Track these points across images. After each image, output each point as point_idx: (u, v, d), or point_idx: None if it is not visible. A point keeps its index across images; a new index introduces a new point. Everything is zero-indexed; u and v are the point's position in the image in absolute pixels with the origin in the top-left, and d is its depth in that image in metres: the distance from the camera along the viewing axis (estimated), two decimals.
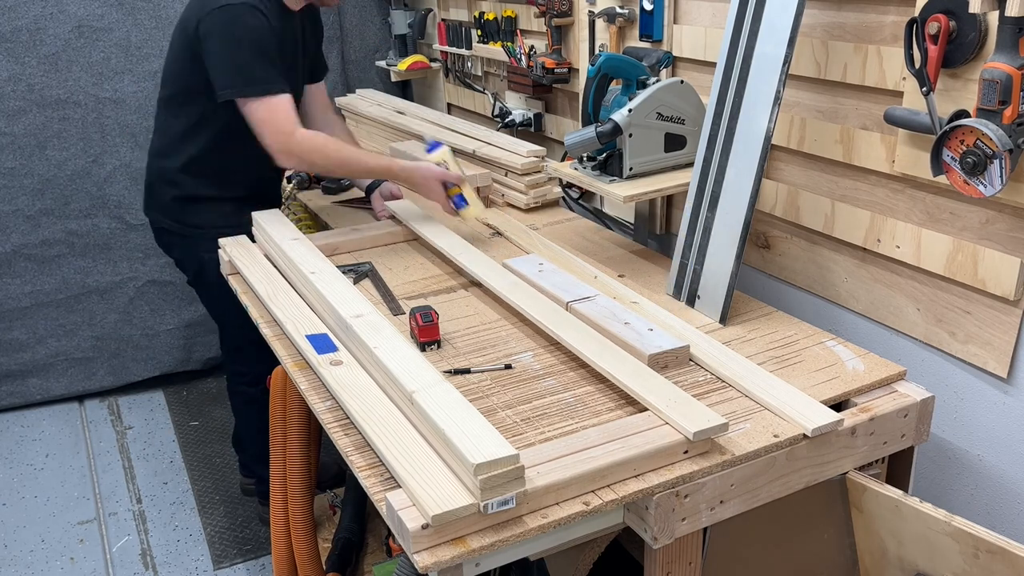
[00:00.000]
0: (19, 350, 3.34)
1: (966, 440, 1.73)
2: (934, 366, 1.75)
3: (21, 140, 3.14)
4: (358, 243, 2.24)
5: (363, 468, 1.35)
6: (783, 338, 1.72)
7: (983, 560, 1.32)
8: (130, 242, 3.38)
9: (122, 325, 3.44)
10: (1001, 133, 1.39)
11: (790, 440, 1.40)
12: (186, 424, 3.31)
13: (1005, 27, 1.37)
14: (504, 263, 1.99)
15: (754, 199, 1.73)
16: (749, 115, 1.73)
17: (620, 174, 1.99)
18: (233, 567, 2.57)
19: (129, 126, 3.26)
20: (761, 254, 2.12)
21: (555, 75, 2.63)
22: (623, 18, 2.31)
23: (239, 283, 2.05)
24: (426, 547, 1.17)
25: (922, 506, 1.39)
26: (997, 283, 1.56)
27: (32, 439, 3.24)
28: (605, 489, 1.28)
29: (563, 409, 1.49)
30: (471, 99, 3.33)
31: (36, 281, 3.30)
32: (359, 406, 1.43)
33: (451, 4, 3.29)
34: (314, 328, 1.72)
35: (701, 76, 2.13)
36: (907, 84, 1.61)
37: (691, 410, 1.37)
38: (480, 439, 1.22)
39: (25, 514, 2.83)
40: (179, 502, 2.86)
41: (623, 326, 1.66)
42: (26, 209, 3.22)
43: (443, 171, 2.21)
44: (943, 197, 1.65)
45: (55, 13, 3.07)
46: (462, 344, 1.73)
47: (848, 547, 1.57)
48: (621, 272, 2.06)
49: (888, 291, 1.81)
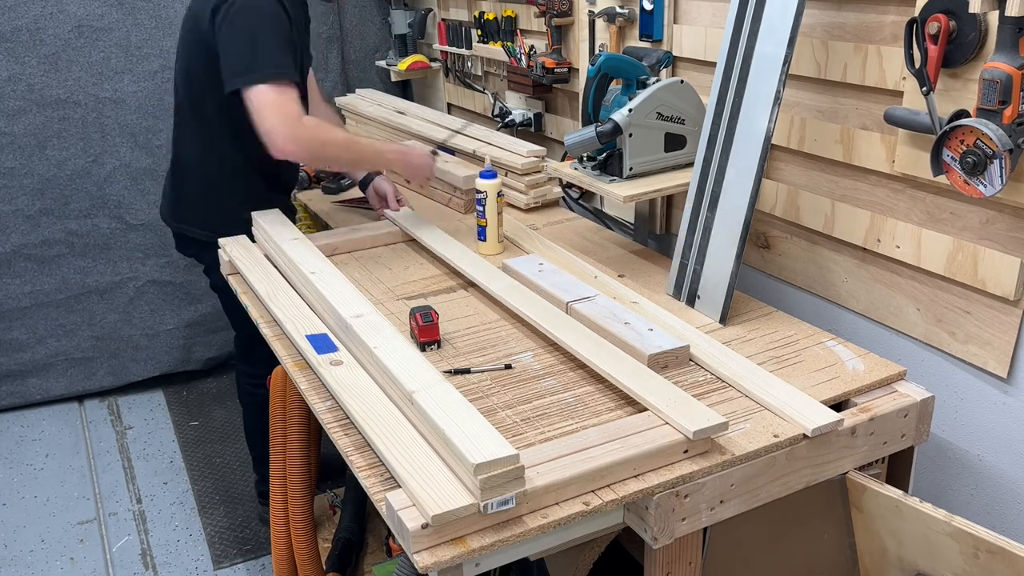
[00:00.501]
0: (19, 350, 3.34)
1: (966, 440, 1.73)
2: (934, 366, 1.75)
3: (21, 140, 3.14)
4: (358, 243, 2.24)
5: (363, 468, 1.35)
6: (783, 338, 1.72)
7: (983, 560, 1.32)
8: (130, 242, 3.38)
9: (122, 325, 3.44)
10: (1001, 133, 1.39)
11: (790, 440, 1.40)
12: (186, 424, 3.31)
13: (1005, 27, 1.37)
14: (504, 263, 1.99)
15: (754, 199, 1.73)
16: (749, 115, 1.73)
17: (620, 174, 1.99)
18: (233, 567, 2.57)
19: (129, 126, 3.26)
20: (761, 254, 2.12)
21: (555, 75, 2.63)
22: (623, 18, 2.31)
23: (239, 283, 2.05)
24: (426, 547, 1.17)
25: (922, 506, 1.39)
26: (997, 283, 1.56)
27: (32, 439, 3.24)
28: (605, 489, 1.28)
29: (563, 409, 1.49)
30: (471, 99, 3.33)
31: (36, 281, 3.30)
32: (359, 406, 1.43)
33: (451, 4, 3.29)
34: (314, 328, 1.72)
35: (701, 76, 2.13)
36: (907, 84, 1.61)
37: (691, 410, 1.37)
38: (480, 439, 1.22)
39: (25, 514, 2.83)
40: (179, 502, 2.86)
41: (623, 326, 1.66)
42: (26, 209, 3.22)
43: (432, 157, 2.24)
44: (943, 197, 1.65)
45: (55, 13, 3.07)
46: (462, 344, 1.73)
47: (848, 547, 1.57)
48: (621, 272, 2.06)
49: (888, 291, 1.81)
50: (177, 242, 2.40)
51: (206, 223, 2.25)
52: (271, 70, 1.96)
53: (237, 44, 1.98)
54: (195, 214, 2.28)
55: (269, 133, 1.96)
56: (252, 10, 1.98)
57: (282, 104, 1.96)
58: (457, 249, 2.11)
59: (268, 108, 1.95)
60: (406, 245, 2.27)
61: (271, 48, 1.97)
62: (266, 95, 1.95)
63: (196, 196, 2.27)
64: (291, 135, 1.96)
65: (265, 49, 1.96)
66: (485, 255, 2.14)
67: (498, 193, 2.11)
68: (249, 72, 1.96)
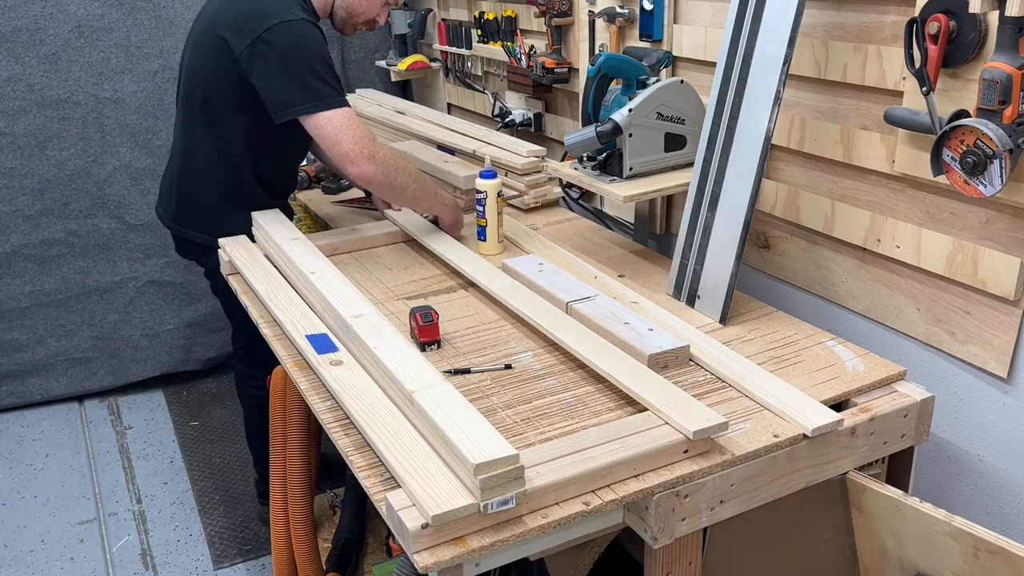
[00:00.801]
0: (19, 350, 3.34)
1: (966, 440, 1.73)
2: (934, 366, 1.75)
3: (21, 140, 3.14)
4: (358, 243, 2.24)
5: (363, 468, 1.35)
6: (783, 338, 1.72)
7: (983, 560, 1.32)
8: (130, 242, 3.38)
9: (122, 325, 3.44)
10: (1001, 133, 1.39)
11: (790, 440, 1.40)
12: (186, 424, 3.31)
13: (1005, 27, 1.37)
14: (504, 263, 1.99)
15: (754, 199, 1.73)
16: (749, 115, 1.73)
17: (620, 174, 1.99)
18: (233, 567, 2.57)
19: (129, 126, 3.26)
20: (761, 254, 2.12)
21: (555, 75, 2.63)
22: (623, 18, 2.31)
23: (239, 283, 2.05)
24: (426, 547, 1.17)
25: (922, 506, 1.39)
26: (997, 283, 1.56)
27: (32, 439, 3.24)
28: (605, 489, 1.28)
29: (563, 409, 1.49)
30: (471, 99, 3.33)
31: (36, 281, 3.30)
32: (359, 406, 1.43)
33: (451, 4, 3.29)
34: (314, 328, 1.72)
35: (701, 76, 2.13)
36: (907, 84, 1.61)
37: (691, 410, 1.37)
38: (480, 439, 1.22)
39: (25, 514, 2.83)
40: (179, 502, 2.86)
41: (623, 326, 1.66)
42: (26, 209, 3.22)
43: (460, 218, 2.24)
44: (943, 197, 1.65)
45: (55, 13, 3.07)
46: (462, 344, 1.73)
47: (848, 547, 1.57)
48: (621, 272, 2.06)
49: (888, 291, 1.81)
50: (177, 245, 2.38)
51: (209, 227, 2.24)
52: (336, 97, 1.99)
53: (288, 75, 1.97)
54: (199, 219, 2.27)
55: (348, 155, 1.98)
56: (295, 38, 1.98)
57: (354, 127, 1.99)
58: (457, 249, 2.11)
59: (343, 132, 1.97)
60: (406, 245, 2.27)
61: (323, 73, 1.98)
62: (337, 120, 1.97)
63: (202, 201, 2.25)
64: (371, 155, 1.99)
65: (320, 76, 1.97)
66: (485, 255, 2.14)
67: (498, 193, 2.11)
68: (312, 101, 1.97)
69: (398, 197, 2.16)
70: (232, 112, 2.13)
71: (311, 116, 1.98)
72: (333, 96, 1.99)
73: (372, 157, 2.00)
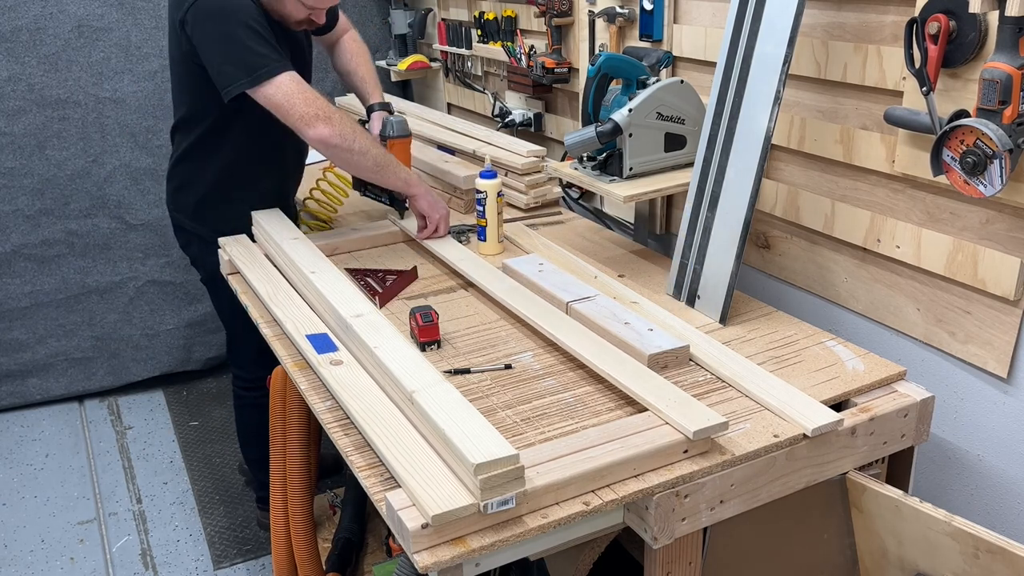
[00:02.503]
0: (19, 350, 3.34)
1: (966, 440, 1.73)
2: (934, 366, 1.75)
3: (21, 140, 3.14)
4: (358, 243, 2.24)
5: (363, 468, 1.35)
6: (783, 338, 1.72)
7: (983, 560, 1.32)
8: (130, 242, 3.38)
9: (122, 325, 3.44)
10: (1001, 133, 1.39)
11: (790, 440, 1.40)
12: (186, 424, 3.31)
13: (1005, 27, 1.37)
14: (504, 263, 1.99)
15: (754, 199, 1.73)
16: (749, 115, 1.73)
17: (620, 174, 1.99)
18: (233, 567, 2.57)
19: (129, 126, 3.26)
20: (761, 254, 2.12)
21: (555, 75, 2.63)
22: (623, 18, 2.31)
23: (239, 283, 2.05)
24: (426, 547, 1.17)
25: (922, 506, 1.39)
26: (997, 283, 1.56)
27: (32, 439, 3.24)
28: (605, 489, 1.28)
29: (563, 409, 1.49)
30: (471, 99, 3.33)
31: (36, 281, 3.30)
32: (359, 406, 1.43)
33: (451, 4, 3.29)
34: (314, 328, 1.72)
35: (701, 76, 2.13)
36: (907, 84, 1.61)
37: (691, 410, 1.37)
38: (480, 439, 1.22)
39: (25, 514, 2.83)
40: (179, 502, 2.86)
41: (623, 326, 1.66)
42: (26, 209, 3.22)
43: (447, 214, 2.19)
44: (943, 197, 1.65)
45: (55, 13, 3.07)
46: (462, 344, 1.73)
47: (848, 547, 1.57)
48: (621, 272, 2.06)
49: (888, 291, 1.81)
50: (174, 230, 2.38)
51: (200, 218, 2.24)
52: (274, 62, 1.89)
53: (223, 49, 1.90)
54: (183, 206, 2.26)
55: (304, 118, 1.89)
56: (217, 13, 1.89)
57: (304, 90, 1.91)
58: (457, 249, 2.11)
59: (294, 96, 1.89)
60: (406, 245, 2.27)
61: (251, 42, 1.88)
62: (285, 85, 1.89)
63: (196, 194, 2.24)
64: (327, 117, 1.91)
65: (249, 45, 1.88)
66: (485, 255, 2.13)
67: (498, 193, 2.11)
68: (252, 72, 1.88)
69: (360, 162, 2.03)
70: (201, 109, 2.09)
71: (257, 88, 1.88)
72: (270, 62, 1.88)
73: (328, 119, 1.91)
